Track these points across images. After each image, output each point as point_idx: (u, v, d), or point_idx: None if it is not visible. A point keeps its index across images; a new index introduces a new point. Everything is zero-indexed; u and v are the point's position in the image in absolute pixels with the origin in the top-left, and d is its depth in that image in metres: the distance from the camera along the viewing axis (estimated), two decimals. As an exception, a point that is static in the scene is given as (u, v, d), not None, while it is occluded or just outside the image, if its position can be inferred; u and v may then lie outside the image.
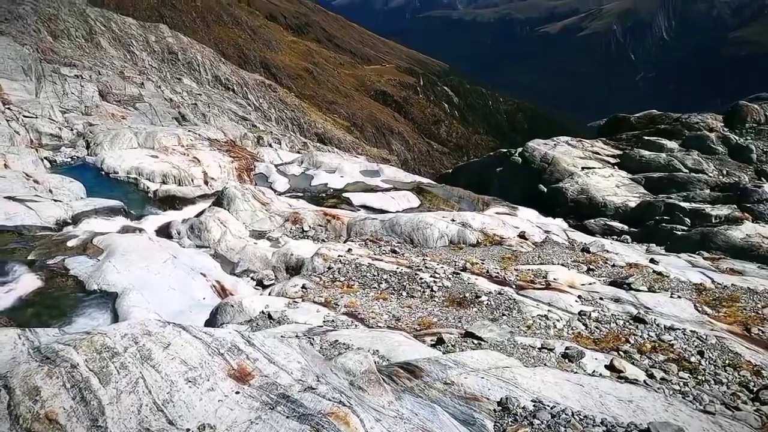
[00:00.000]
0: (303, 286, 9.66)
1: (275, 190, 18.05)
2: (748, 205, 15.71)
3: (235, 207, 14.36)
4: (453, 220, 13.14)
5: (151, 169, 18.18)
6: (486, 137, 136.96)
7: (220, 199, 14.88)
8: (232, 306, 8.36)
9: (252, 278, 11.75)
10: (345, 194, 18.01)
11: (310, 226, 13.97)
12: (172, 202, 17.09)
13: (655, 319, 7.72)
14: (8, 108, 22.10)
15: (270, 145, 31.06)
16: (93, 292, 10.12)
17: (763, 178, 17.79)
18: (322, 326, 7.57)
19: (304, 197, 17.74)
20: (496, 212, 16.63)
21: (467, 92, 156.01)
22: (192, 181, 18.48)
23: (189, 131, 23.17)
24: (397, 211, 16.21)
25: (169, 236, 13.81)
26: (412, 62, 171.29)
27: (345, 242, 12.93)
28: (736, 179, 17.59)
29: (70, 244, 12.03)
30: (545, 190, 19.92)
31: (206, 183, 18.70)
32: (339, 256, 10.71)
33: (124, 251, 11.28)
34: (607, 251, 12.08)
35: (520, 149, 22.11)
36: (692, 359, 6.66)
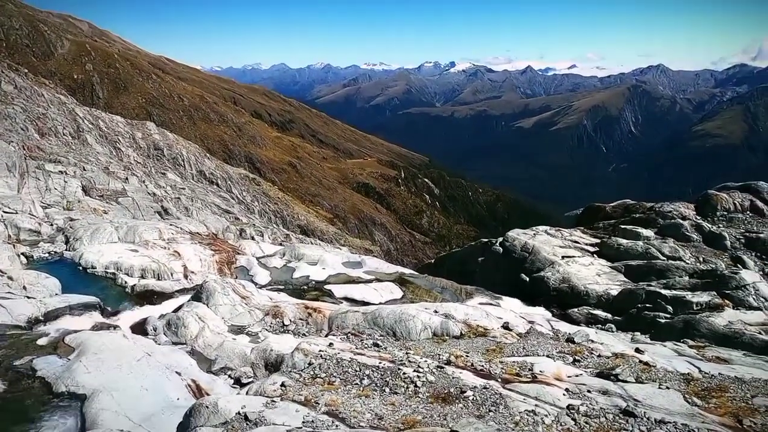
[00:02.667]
0: (282, 384, 9.29)
1: (256, 284, 17.81)
2: (728, 291, 15.84)
3: (214, 301, 14.08)
4: (436, 312, 13.00)
5: (130, 263, 17.92)
6: (467, 227, 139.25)
7: (199, 294, 14.61)
8: (207, 407, 7.96)
9: (230, 376, 11.30)
10: (327, 286, 17.83)
11: (290, 320, 13.69)
12: (150, 297, 16.70)
13: (645, 412, 7.51)
14: (-12, 204, 22.01)
15: (252, 238, 31.06)
16: (61, 395, 9.60)
17: (739, 265, 18.10)
18: (301, 428, 7.21)
19: (286, 290, 17.51)
20: (480, 302, 16.52)
21: (447, 184, 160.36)
22: (171, 275, 18.19)
23: (171, 225, 23.15)
24: (380, 303, 16.02)
25: (145, 333, 13.39)
26: (393, 156, 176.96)
27: (326, 336, 12.64)
28: (713, 266, 17.86)
29: (40, 342, 11.58)
30: (527, 279, 19.96)
31: (186, 277, 18.42)
32: (320, 351, 10.42)
33: (97, 350, 10.86)
34: (592, 341, 11.95)
35: (500, 239, 22.35)
36: (686, 455, 6.42)
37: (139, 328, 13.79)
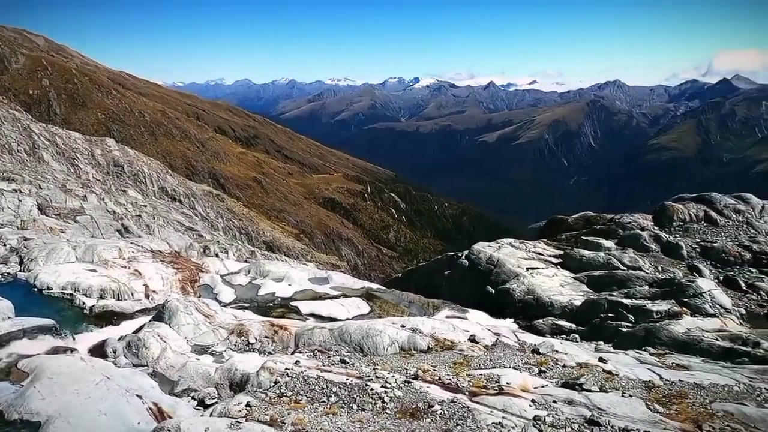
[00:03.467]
0: (247, 404, 9.10)
1: (220, 302, 17.47)
2: (685, 299, 16.31)
3: (176, 321, 13.74)
4: (403, 326, 12.97)
5: (89, 283, 17.36)
6: (434, 241, 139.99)
7: (161, 313, 14.23)
8: (169, 431, 7.74)
9: (193, 398, 10.99)
10: (293, 303, 17.62)
11: (256, 338, 13.45)
12: (109, 318, 16.17)
13: (609, 421, 7.62)
14: (-64, 224, 21.08)
15: (216, 255, 30.52)
16: (14, 423, 9.16)
17: (695, 273, 18.68)
18: (267, 448, 7.06)
19: (251, 308, 17.22)
20: (447, 316, 16.57)
21: (413, 198, 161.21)
22: (132, 295, 17.69)
23: (131, 243, 22.57)
24: (347, 319, 15.90)
25: (105, 355, 12.94)
26: (359, 171, 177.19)
27: (293, 354, 12.47)
28: (671, 275, 18.38)
29: (-9, 369, 11.07)
30: (493, 291, 20.15)
31: (147, 297, 17.93)
32: (286, 369, 10.26)
33: (52, 374, 10.42)
34: (557, 351, 12.10)
35: (466, 252, 22.54)
36: (649, 462, 6.53)
37: (98, 350, 13.31)
